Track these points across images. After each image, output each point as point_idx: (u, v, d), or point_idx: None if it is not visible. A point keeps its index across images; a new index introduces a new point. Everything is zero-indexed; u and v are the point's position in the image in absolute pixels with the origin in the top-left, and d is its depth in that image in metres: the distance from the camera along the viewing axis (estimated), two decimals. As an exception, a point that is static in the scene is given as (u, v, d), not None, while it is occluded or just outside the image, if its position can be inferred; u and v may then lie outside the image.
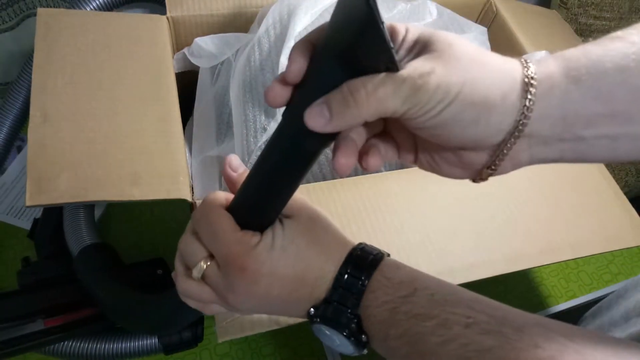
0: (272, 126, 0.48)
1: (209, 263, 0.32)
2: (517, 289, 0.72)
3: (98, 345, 0.51)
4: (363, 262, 0.31)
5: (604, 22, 0.91)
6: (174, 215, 0.69)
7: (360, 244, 0.33)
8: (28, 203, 0.39)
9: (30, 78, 0.46)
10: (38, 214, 0.63)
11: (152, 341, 0.53)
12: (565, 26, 0.76)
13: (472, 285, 0.45)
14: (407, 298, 0.29)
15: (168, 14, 0.56)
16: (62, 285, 0.53)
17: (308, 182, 0.52)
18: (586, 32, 0.91)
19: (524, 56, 0.28)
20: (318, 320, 0.31)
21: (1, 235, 0.64)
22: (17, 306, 0.51)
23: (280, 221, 0.32)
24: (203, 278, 0.32)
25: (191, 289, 0.32)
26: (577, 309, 0.71)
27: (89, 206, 0.59)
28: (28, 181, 0.40)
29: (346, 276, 0.31)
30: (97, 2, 0.58)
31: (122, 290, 0.51)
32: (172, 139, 0.47)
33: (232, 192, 0.34)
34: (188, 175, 0.45)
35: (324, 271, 0.32)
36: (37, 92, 0.45)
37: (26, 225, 0.64)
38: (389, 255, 0.33)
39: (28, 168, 0.41)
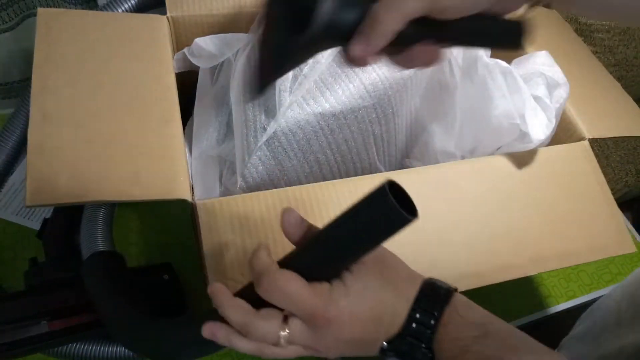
0: (272, 126, 0.48)
1: (287, 330, 0.32)
2: (517, 289, 0.72)
3: (101, 348, 0.51)
4: (435, 297, 0.33)
5: (603, 22, 0.91)
6: (175, 216, 0.69)
7: (430, 278, 0.34)
8: (28, 203, 0.39)
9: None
10: (48, 213, 0.62)
11: None
12: (565, 25, 0.76)
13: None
14: (478, 339, 0.30)
15: (168, 14, 0.56)
16: (68, 288, 0.52)
17: (308, 182, 0.52)
18: (586, 32, 0.92)
19: None
20: (392, 354, 0.32)
21: (10, 235, 0.64)
22: (22, 307, 0.50)
23: None
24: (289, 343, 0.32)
25: (283, 355, 0.33)
26: (577, 309, 0.71)
27: (110, 207, 0.58)
28: (28, 181, 0.40)
29: (420, 312, 0.32)
30: (129, 4, 0.58)
31: (129, 313, 0.49)
32: (172, 139, 0.47)
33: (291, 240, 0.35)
34: (188, 175, 0.45)
35: (397, 308, 0.33)
36: (37, 92, 0.45)
37: (36, 225, 0.64)
38: (456, 289, 0.34)
39: (28, 168, 0.41)
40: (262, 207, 0.45)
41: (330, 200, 0.46)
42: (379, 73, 0.51)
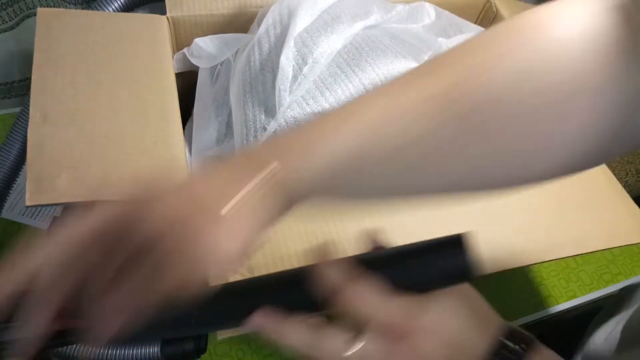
0: (272, 126, 0.48)
1: (361, 344, 0.29)
2: (517, 289, 0.72)
3: (98, 350, 0.50)
4: (522, 338, 0.30)
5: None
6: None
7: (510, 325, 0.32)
8: (28, 203, 0.39)
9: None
10: (57, 212, 0.62)
11: (153, 350, 0.52)
12: None
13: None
14: None
15: (168, 14, 0.57)
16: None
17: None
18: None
19: None
20: None
21: (12, 235, 0.63)
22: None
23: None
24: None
25: None
26: (577, 309, 0.71)
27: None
28: (28, 181, 0.40)
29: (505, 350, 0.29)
30: (118, 4, 0.58)
31: None
32: (172, 139, 0.47)
33: None
34: (188, 175, 0.45)
35: (478, 341, 0.30)
36: (37, 92, 0.45)
37: (41, 225, 0.63)
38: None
39: (28, 168, 0.41)
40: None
41: (330, 200, 0.46)
42: (378, 73, 0.51)
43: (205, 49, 0.56)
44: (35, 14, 0.52)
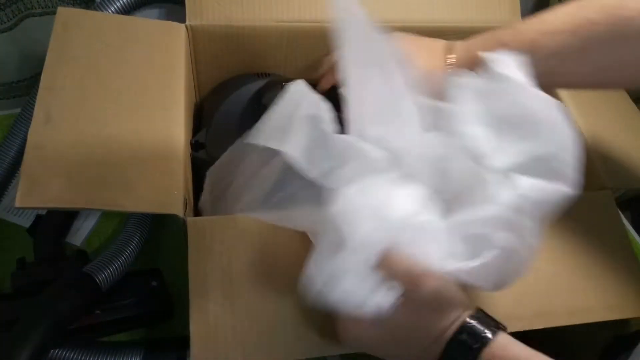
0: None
1: None
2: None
3: (80, 357, 0.49)
4: (485, 323, 0.35)
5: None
6: (172, 224, 0.67)
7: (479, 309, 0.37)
8: (17, 204, 0.39)
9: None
10: (42, 210, 0.61)
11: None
12: (629, 107, 0.65)
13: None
14: None
15: (187, 23, 0.56)
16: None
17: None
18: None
19: None
20: None
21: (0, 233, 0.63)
22: (4, 311, 0.49)
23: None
24: None
25: None
26: None
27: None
28: (21, 182, 0.39)
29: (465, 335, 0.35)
30: (120, 4, 0.58)
31: None
32: (173, 151, 0.46)
33: None
34: (183, 189, 0.44)
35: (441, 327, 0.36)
36: (44, 91, 0.45)
37: (25, 223, 0.62)
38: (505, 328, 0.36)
39: (22, 168, 0.40)
40: (255, 230, 0.43)
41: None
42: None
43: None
44: (33, 15, 0.51)
